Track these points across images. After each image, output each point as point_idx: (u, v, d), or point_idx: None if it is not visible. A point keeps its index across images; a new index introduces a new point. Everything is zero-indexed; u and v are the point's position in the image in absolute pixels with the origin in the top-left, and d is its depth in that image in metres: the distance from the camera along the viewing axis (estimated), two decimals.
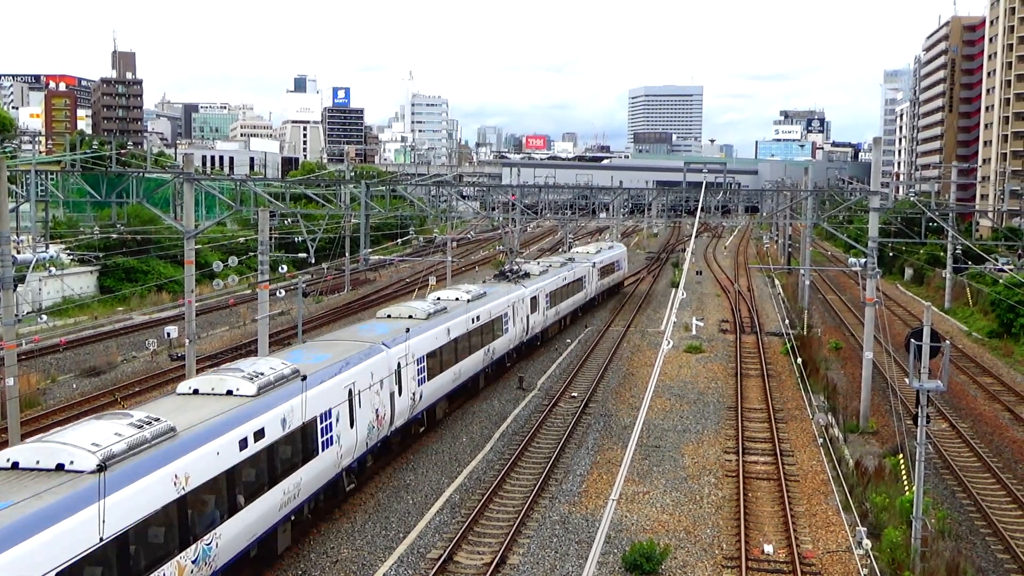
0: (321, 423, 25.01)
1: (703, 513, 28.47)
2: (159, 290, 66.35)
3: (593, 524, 27.07)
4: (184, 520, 18.69)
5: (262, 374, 23.81)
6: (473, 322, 39.42)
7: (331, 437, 25.53)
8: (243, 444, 21.02)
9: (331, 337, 32.44)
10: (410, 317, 35.39)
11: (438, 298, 40.72)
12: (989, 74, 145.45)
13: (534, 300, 50.20)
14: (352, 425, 26.81)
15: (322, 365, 26.44)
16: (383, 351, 29.91)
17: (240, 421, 21.33)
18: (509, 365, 47.07)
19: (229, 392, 22.81)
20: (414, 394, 32.24)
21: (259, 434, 21.81)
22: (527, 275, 52.02)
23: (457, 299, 40.70)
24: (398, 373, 30.64)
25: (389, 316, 36.12)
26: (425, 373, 33.44)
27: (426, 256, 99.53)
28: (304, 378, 24.50)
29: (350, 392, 26.70)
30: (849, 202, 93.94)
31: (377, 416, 28.74)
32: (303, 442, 24.05)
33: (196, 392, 22.92)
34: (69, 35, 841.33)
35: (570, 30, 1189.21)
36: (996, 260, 69.51)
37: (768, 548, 25.52)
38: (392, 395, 30.07)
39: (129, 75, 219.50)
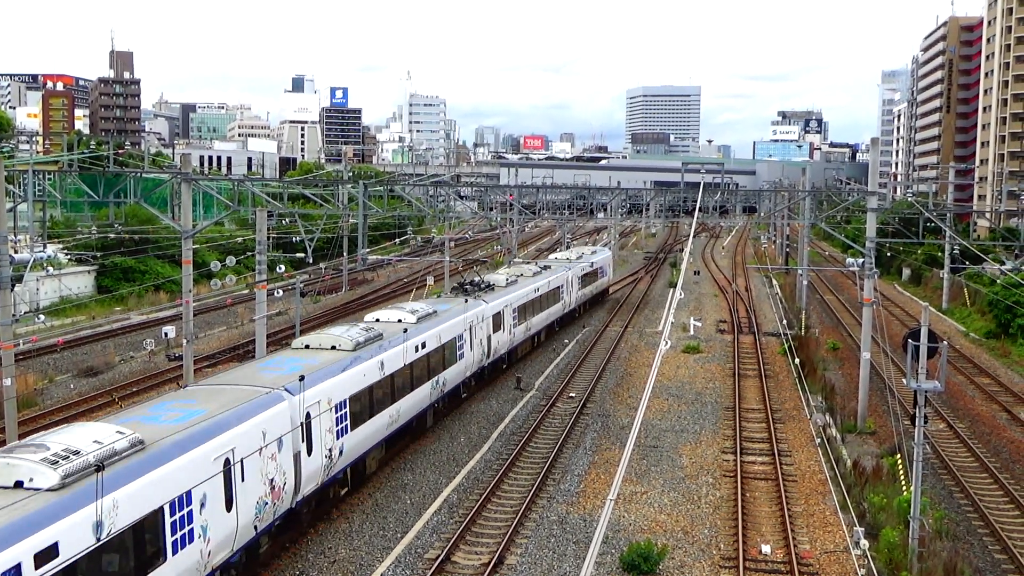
0: (171, 515, 18.13)
1: (701, 513, 28.47)
2: (157, 290, 66.31)
3: (591, 524, 27.08)
4: None
5: (73, 454, 16.69)
6: (417, 350, 33.02)
7: (190, 532, 18.74)
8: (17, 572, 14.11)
9: (224, 380, 25.17)
10: (333, 348, 28.87)
11: (377, 320, 35.15)
12: (987, 74, 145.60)
13: (498, 317, 43.77)
14: (230, 508, 20.33)
15: (180, 428, 19.59)
16: (284, 400, 23.15)
17: (20, 534, 14.40)
18: (466, 396, 40.77)
19: (18, 484, 15.78)
20: (330, 451, 25.64)
21: (48, 553, 14.73)
22: (490, 288, 45.83)
23: (399, 321, 34.59)
24: (307, 426, 24.10)
25: (307, 347, 29.24)
26: (348, 421, 26.90)
27: (424, 256, 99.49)
28: (140, 448, 18.02)
29: (227, 462, 20.16)
30: (847, 202, 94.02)
31: (273, 488, 22.27)
32: (135, 550, 17.05)
33: None
34: (67, 35, 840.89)
35: (568, 30, 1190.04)
36: (1003, 262, 69.46)
37: (766, 548, 25.53)
38: (298, 456, 23.66)
39: (127, 75, 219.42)
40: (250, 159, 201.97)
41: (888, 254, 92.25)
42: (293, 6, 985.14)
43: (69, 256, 67.48)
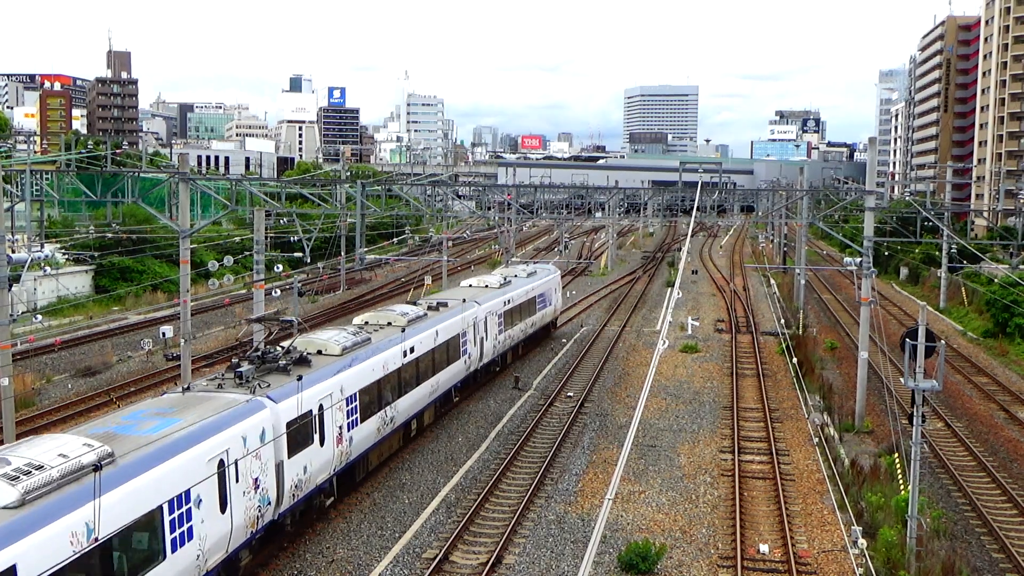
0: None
1: (699, 512, 28.48)
2: (154, 290, 66.26)
3: (589, 524, 27.08)
4: None
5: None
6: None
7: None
8: None
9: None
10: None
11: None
12: (984, 74, 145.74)
13: (303, 425, 24.31)
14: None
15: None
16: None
17: None
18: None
19: None
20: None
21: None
22: (304, 362, 26.35)
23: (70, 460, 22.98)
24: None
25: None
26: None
27: (422, 256, 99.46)
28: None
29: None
30: (844, 202, 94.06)
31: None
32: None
33: None
34: (64, 34, 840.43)
35: (566, 30, 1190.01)
36: (1001, 261, 69.52)
37: (764, 548, 25.53)
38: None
39: (124, 75, 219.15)
40: (248, 159, 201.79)
41: (886, 253, 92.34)
42: (291, 6, 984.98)
43: (67, 256, 67.43)
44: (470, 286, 47.09)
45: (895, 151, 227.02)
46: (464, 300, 40.61)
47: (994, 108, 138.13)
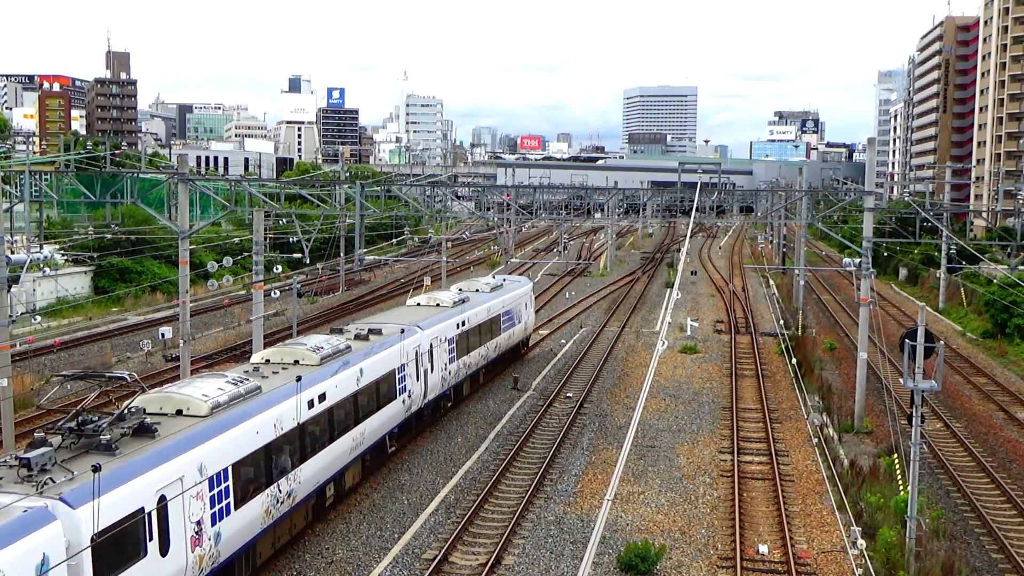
0: None
1: (698, 513, 28.48)
2: (153, 291, 66.26)
3: (588, 524, 27.08)
4: None
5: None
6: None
7: None
8: None
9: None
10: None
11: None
12: (983, 74, 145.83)
13: (129, 531, 17.11)
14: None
15: None
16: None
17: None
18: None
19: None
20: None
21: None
22: (145, 431, 19.35)
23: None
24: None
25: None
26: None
27: (421, 256, 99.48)
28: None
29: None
30: (844, 202, 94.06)
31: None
32: None
33: None
34: (63, 35, 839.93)
35: (564, 30, 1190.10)
36: (1000, 261, 69.47)
37: (763, 548, 25.54)
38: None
39: (123, 75, 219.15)
40: (247, 159, 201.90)
41: (885, 254, 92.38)
42: (290, 6, 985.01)
43: (66, 257, 67.40)
44: (418, 305, 40.45)
45: (894, 152, 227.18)
46: (404, 326, 33.56)
47: (993, 108, 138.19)
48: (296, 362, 26.48)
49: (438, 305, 39.95)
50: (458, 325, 38.79)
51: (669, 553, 25.17)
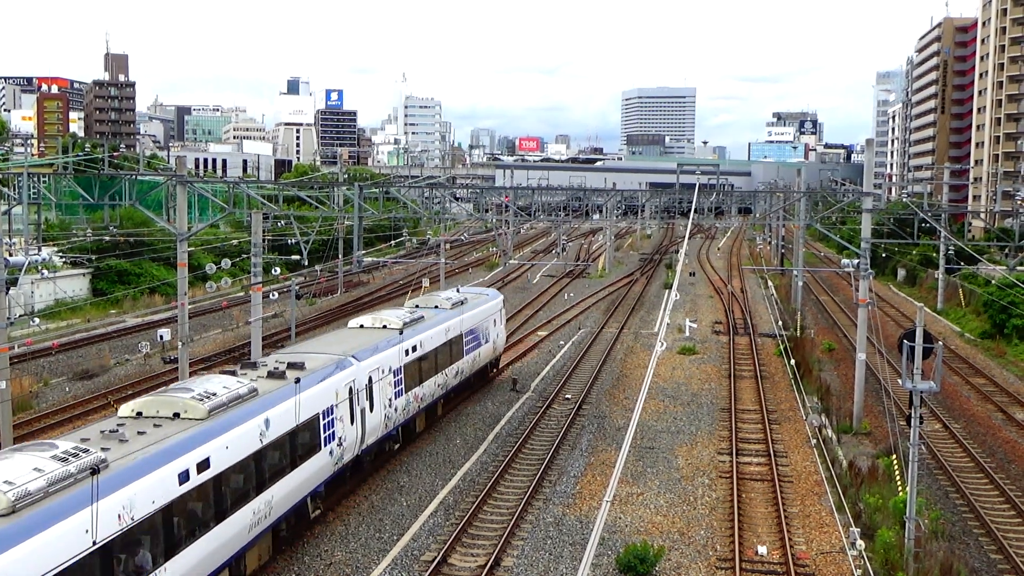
0: None
1: (697, 514, 28.47)
2: (152, 293, 66.22)
3: (587, 526, 27.07)
4: None
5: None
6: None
7: None
8: None
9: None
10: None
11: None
12: (981, 75, 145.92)
13: None
14: None
15: None
16: None
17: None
18: None
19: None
20: None
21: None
22: None
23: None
24: None
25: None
26: None
27: (420, 258, 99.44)
28: None
29: None
30: (842, 203, 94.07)
31: None
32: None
33: None
34: (61, 37, 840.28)
35: (563, 32, 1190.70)
36: (1007, 265, 69.37)
37: (762, 549, 25.54)
38: None
39: (121, 77, 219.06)
40: (245, 161, 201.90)
41: (883, 255, 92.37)
42: (288, 8, 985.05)
43: (64, 259, 67.36)
44: (361, 327, 34.72)
45: (892, 152, 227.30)
46: (338, 356, 28.51)
47: (991, 109, 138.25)
48: (176, 415, 20.91)
49: (385, 327, 34.05)
50: (408, 351, 32.97)
51: (668, 554, 25.16)
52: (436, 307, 39.95)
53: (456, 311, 39.99)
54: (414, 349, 33.72)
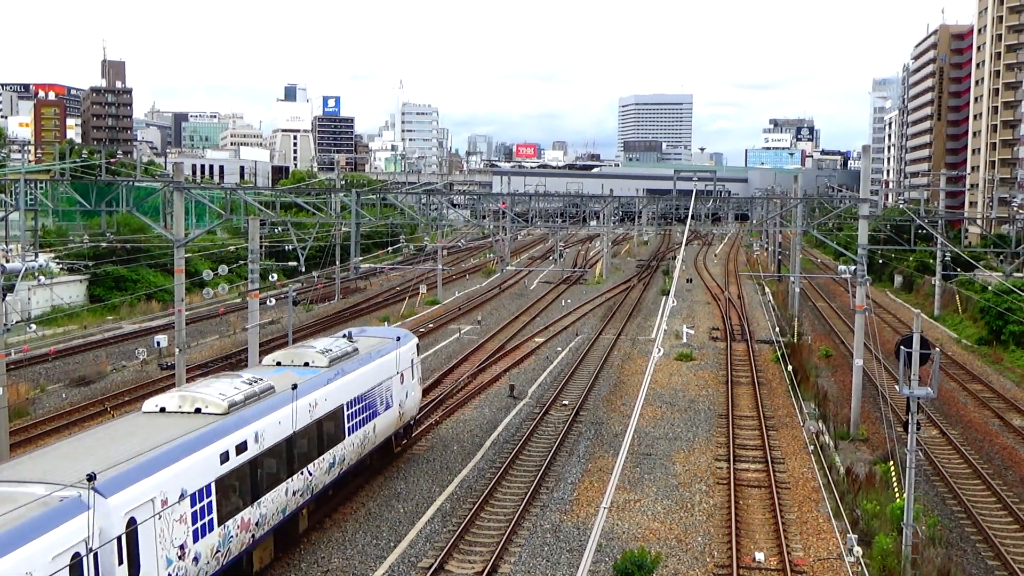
0: None
1: (694, 521, 28.46)
2: (149, 299, 66.17)
3: (584, 532, 27.05)
4: None
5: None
6: None
7: None
8: None
9: None
10: None
11: None
12: (977, 82, 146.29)
13: None
14: None
15: None
16: None
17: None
18: None
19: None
20: None
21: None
22: None
23: None
24: None
25: None
26: None
27: (417, 264, 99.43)
28: None
29: None
30: (839, 210, 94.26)
31: None
32: None
33: None
34: (59, 44, 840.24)
35: (560, 38, 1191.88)
36: (1004, 271, 69.53)
37: (759, 556, 25.53)
38: None
39: (119, 84, 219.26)
40: (242, 168, 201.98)
41: (880, 261, 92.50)
42: (285, 15, 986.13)
43: (61, 265, 67.32)
44: (161, 410, 22.38)
45: (889, 159, 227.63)
46: (62, 489, 16.56)
47: (987, 116, 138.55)
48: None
49: (199, 411, 22.18)
50: (232, 451, 21.34)
51: (665, 561, 25.15)
52: (307, 364, 28.09)
53: (334, 370, 28.11)
54: (244, 448, 21.82)
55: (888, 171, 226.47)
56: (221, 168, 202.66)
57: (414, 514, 28.44)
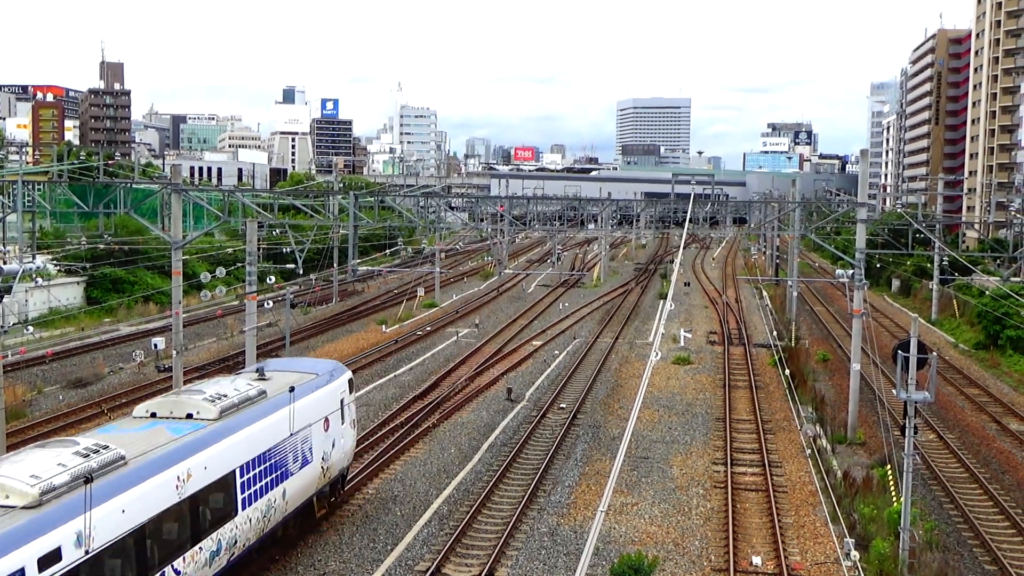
0: None
1: (691, 524, 28.45)
2: (146, 301, 66.08)
3: (581, 536, 27.02)
4: None
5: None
6: None
7: None
8: None
9: None
10: None
11: None
12: (975, 87, 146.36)
13: None
14: None
15: None
16: None
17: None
18: None
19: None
20: None
21: None
22: None
23: None
24: None
25: None
26: None
27: (414, 267, 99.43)
28: None
29: None
30: (836, 214, 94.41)
31: None
32: None
33: None
34: (57, 46, 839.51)
35: (558, 42, 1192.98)
36: (1001, 276, 69.63)
37: (756, 560, 25.52)
38: None
39: (117, 86, 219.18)
40: (240, 170, 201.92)
41: (878, 265, 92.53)
42: (284, 18, 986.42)
43: (58, 267, 67.22)
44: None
45: (887, 163, 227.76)
46: None
47: (985, 120, 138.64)
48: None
49: None
50: (48, 561, 15.13)
51: (662, 565, 25.13)
52: (190, 416, 21.65)
53: (225, 424, 21.69)
54: (56, 557, 15.34)
55: (886, 175, 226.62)
56: (219, 170, 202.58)
57: (411, 517, 28.38)
